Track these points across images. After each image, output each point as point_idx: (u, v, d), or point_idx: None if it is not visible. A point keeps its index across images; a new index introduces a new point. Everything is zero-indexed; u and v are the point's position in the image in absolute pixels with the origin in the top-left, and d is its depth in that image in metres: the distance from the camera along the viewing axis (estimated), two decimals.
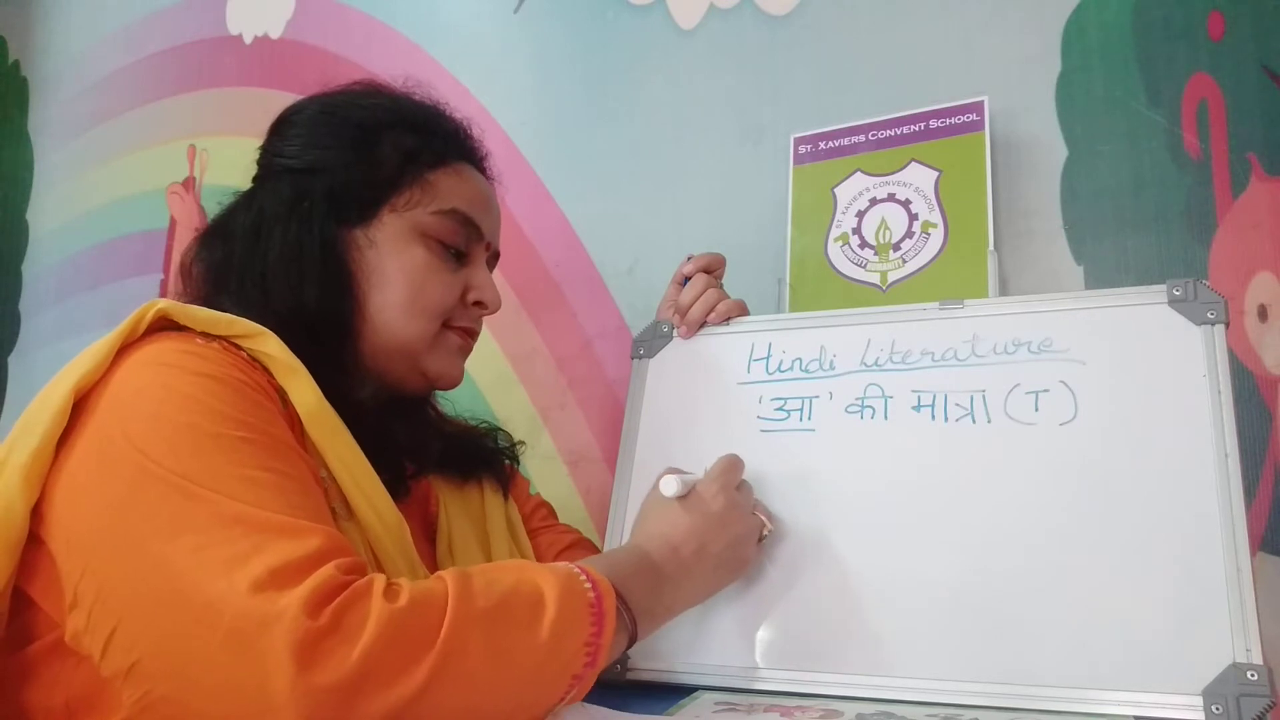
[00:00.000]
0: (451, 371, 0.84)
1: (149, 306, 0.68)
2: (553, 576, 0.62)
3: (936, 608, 0.76)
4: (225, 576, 0.54)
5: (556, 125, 1.32)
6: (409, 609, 0.55)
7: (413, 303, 0.80)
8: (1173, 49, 0.98)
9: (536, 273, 1.30)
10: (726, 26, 1.22)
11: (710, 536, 0.75)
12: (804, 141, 1.11)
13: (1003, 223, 1.01)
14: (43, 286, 1.88)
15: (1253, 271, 0.93)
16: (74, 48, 1.91)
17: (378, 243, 0.80)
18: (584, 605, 0.62)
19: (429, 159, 0.82)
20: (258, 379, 0.67)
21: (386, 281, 0.79)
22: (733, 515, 0.77)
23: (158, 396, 0.63)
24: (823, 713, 0.70)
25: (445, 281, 0.82)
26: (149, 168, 1.73)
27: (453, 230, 0.82)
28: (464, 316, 0.85)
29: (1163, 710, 0.67)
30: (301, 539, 0.57)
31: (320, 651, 0.52)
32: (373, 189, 0.80)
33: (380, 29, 1.49)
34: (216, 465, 0.59)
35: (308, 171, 0.80)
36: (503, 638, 0.58)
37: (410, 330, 0.80)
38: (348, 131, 0.82)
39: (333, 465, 0.70)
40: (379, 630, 0.53)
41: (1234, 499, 0.71)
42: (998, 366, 0.82)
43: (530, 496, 1.00)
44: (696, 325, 0.95)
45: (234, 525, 0.56)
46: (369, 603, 0.54)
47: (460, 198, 0.83)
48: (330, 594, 0.54)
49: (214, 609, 0.53)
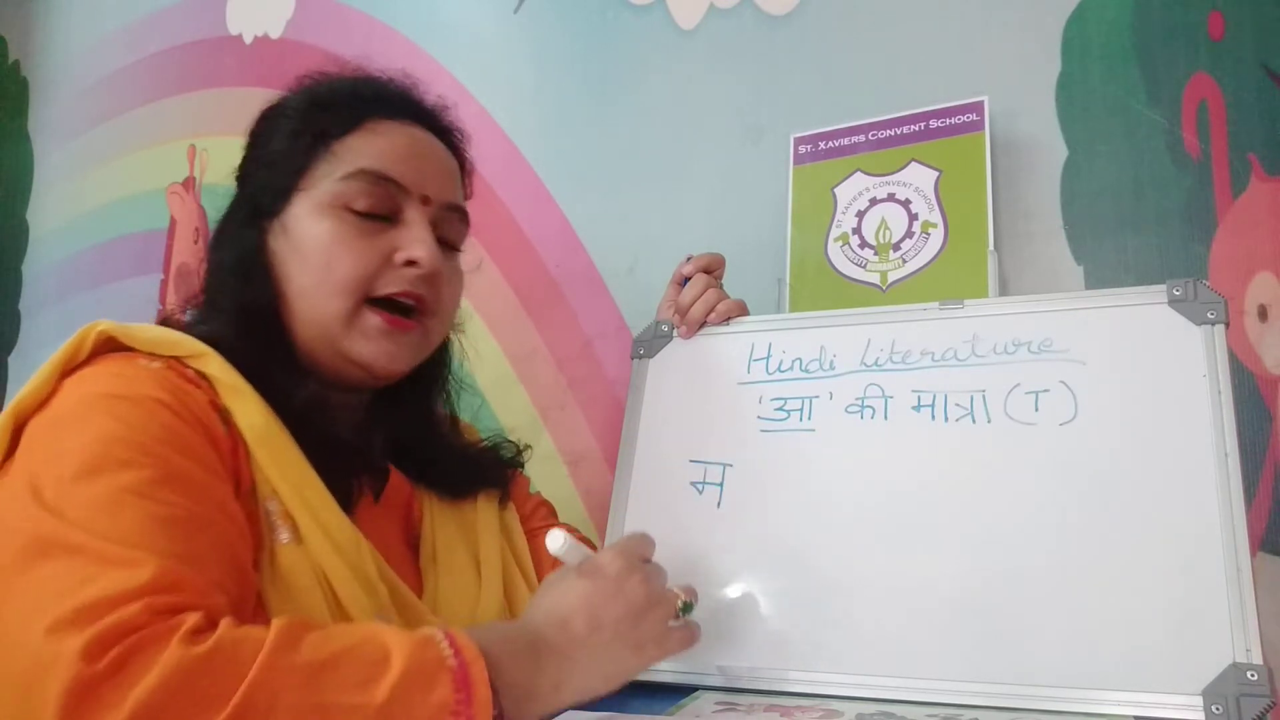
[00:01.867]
0: (378, 355, 0.76)
1: (90, 328, 0.67)
2: (407, 639, 0.56)
3: (936, 607, 0.76)
4: (35, 619, 0.52)
5: (556, 125, 1.32)
6: (208, 656, 0.51)
7: (323, 279, 0.75)
8: (1173, 49, 0.98)
9: (536, 273, 1.30)
10: (726, 26, 1.22)
11: (605, 605, 0.66)
12: (804, 141, 1.11)
13: (1003, 223, 1.01)
14: (43, 286, 1.88)
15: (1253, 271, 0.93)
16: (74, 48, 1.91)
17: (289, 228, 0.77)
18: (441, 670, 0.55)
19: (337, 129, 0.78)
20: (191, 402, 0.65)
21: (301, 265, 0.76)
22: (632, 579, 0.68)
23: (64, 423, 0.63)
24: (823, 713, 0.70)
25: (357, 249, 0.75)
26: (149, 168, 1.73)
27: (362, 191, 0.76)
28: (394, 281, 0.76)
29: (1163, 710, 0.67)
30: (130, 571, 0.54)
31: (91, 700, 0.49)
32: (282, 177, 0.78)
33: (380, 29, 1.49)
34: (86, 493, 0.58)
35: (243, 178, 0.82)
36: (321, 696, 0.52)
37: (326, 311, 0.75)
38: (267, 130, 0.81)
39: (280, 487, 0.67)
40: (163, 678, 0.50)
41: (1234, 499, 0.70)
42: (998, 366, 0.82)
43: (530, 496, 0.98)
44: (697, 325, 0.95)
45: (75, 556, 0.55)
46: (160, 648, 0.51)
47: (369, 155, 0.77)
48: (119, 635, 0.51)
49: (13, 651, 0.52)
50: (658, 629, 0.69)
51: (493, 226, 1.32)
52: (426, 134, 0.82)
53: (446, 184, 0.82)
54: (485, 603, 0.80)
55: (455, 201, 0.83)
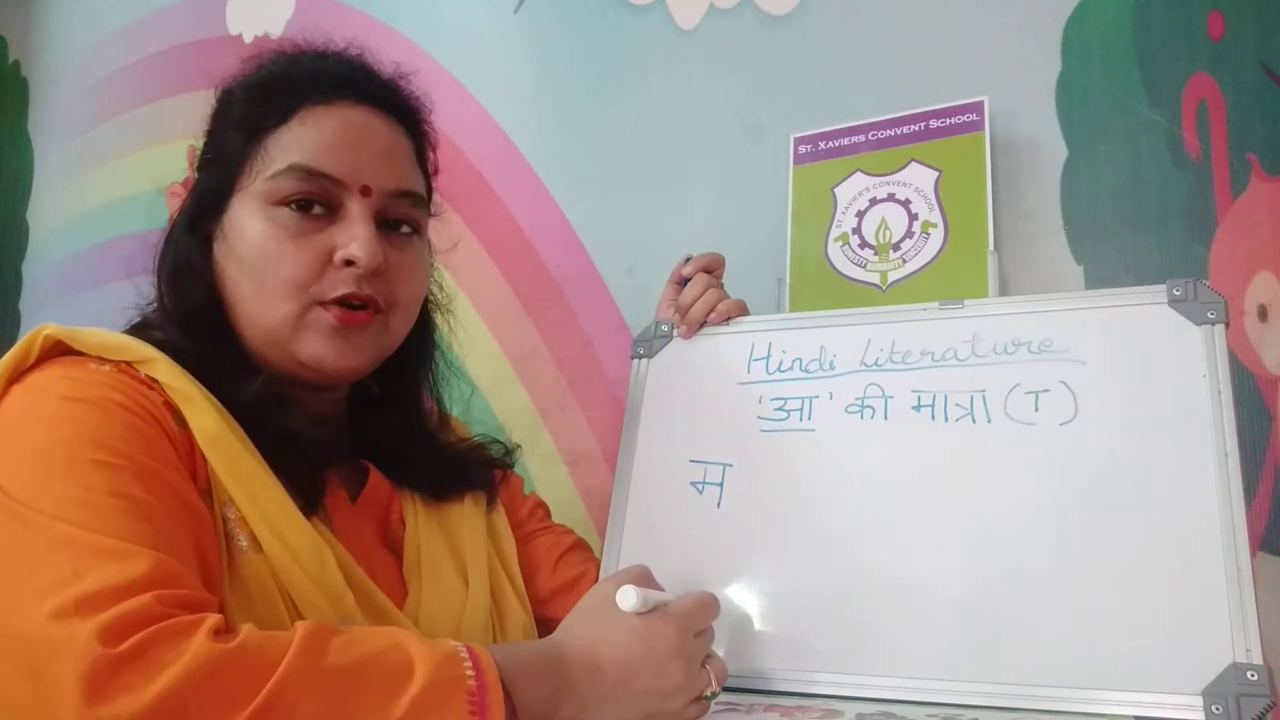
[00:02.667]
0: (327, 355, 0.72)
1: (37, 332, 0.66)
2: (430, 652, 0.56)
3: (936, 607, 0.76)
4: (33, 605, 0.51)
5: (556, 125, 1.32)
6: (235, 653, 0.51)
7: (261, 286, 0.72)
8: (1173, 49, 0.98)
9: (536, 273, 1.29)
10: (726, 26, 1.22)
11: (642, 673, 0.64)
12: (804, 141, 1.11)
13: (1003, 223, 1.01)
14: (43, 286, 1.88)
15: (1253, 271, 0.93)
16: (74, 48, 1.91)
17: (227, 232, 0.74)
18: (459, 690, 0.54)
19: (271, 121, 0.74)
20: (147, 403, 0.64)
21: (240, 270, 0.73)
22: (676, 663, 0.66)
23: (21, 423, 0.62)
24: (823, 713, 0.70)
25: (291, 252, 0.71)
26: (149, 168, 1.73)
27: (294, 189, 0.72)
28: (337, 284, 0.72)
29: (1163, 710, 0.67)
30: (126, 563, 0.53)
31: (114, 682, 0.48)
32: (220, 178, 0.75)
33: (380, 29, 1.49)
34: (56, 490, 0.57)
35: (190, 182, 0.79)
36: (345, 704, 0.52)
37: (270, 316, 0.72)
38: (212, 125, 0.78)
39: (235, 494, 0.65)
40: (190, 669, 0.49)
41: (1234, 499, 0.71)
42: (998, 366, 0.82)
43: (526, 498, 0.96)
44: (697, 325, 0.95)
45: (61, 549, 0.54)
46: (187, 639, 0.50)
47: (301, 148, 0.72)
48: (138, 623, 0.50)
49: (10, 639, 0.51)
50: (677, 707, 0.67)
51: (493, 226, 1.32)
52: (367, 115, 0.76)
53: (390, 169, 0.76)
54: (471, 612, 0.78)
55: (403, 186, 0.76)
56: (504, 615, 0.81)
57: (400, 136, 0.79)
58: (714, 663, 0.71)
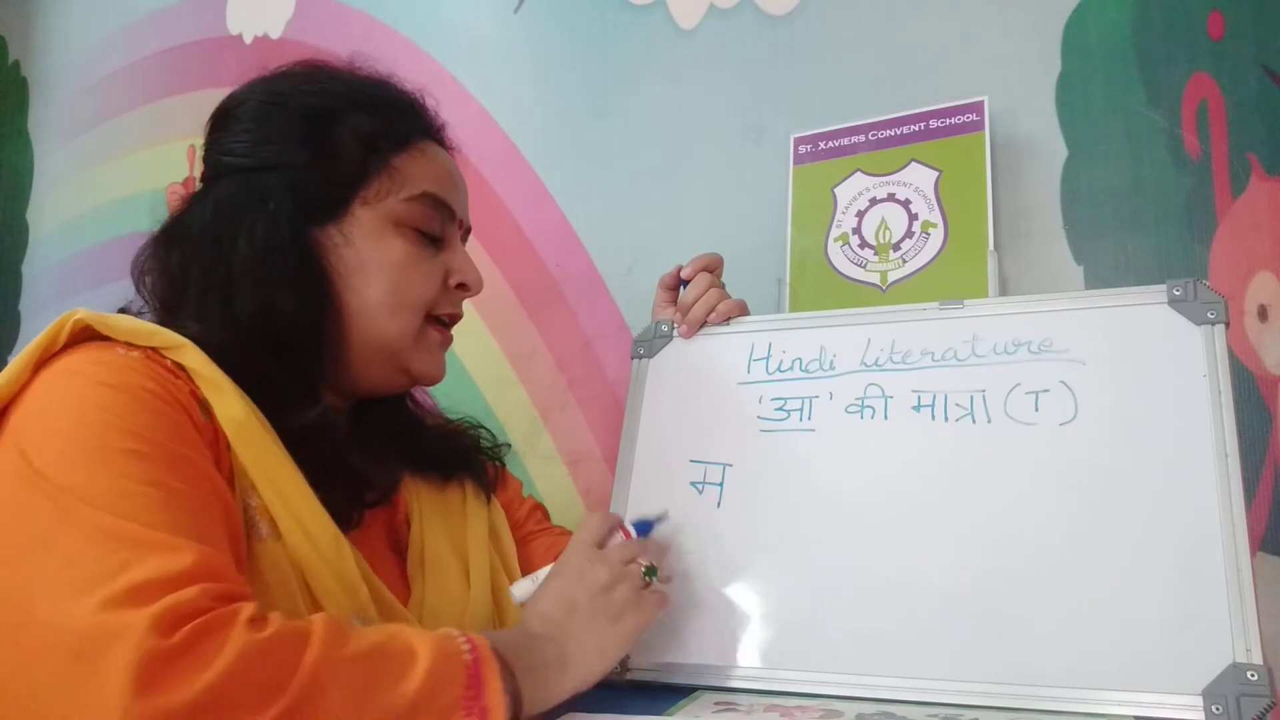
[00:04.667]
0: (434, 369, 0.82)
1: (67, 317, 0.66)
2: (427, 636, 0.60)
3: (936, 607, 0.76)
4: (80, 595, 0.52)
5: (556, 125, 1.32)
6: (271, 642, 0.53)
7: (396, 299, 0.77)
8: (1173, 49, 0.98)
9: (536, 273, 1.30)
10: (726, 26, 1.22)
11: (573, 591, 0.72)
12: (804, 141, 1.11)
13: (1003, 223, 1.01)
14: (43, 286, 1.88)
15: (1253, 271, 0.93)
16: (74, 48, 1.91)
17: (353, 239, 0.76)
18: (458, 664, 0.58)
19: (391, 143, 0.79)
20: (175, 390, 0.64)
21: (368, 280, 0.76)
22: (592, 568, 0.73)
23: (54, 408, 0.62)
24: (823, 713, 0.70)
25: (426, 271, 0.79)
26: (149, 168, 1.73)
27: (427, 215, 0.79)
28: (447, 302, 0.82)
29: (1163, 710, 0.67)
30: (172, 555, 0.54)
31: (166, 673, 0.49)
32: (339, 182, 0.76)
33: (380, 29, 1.49)
34: (99, 478, 0.57)
35: (264, 169, 0.75)
36: (368, 684, 0.55)
37: (394, 328, 0.77)
38: (300, 122, 0.77)
39: (259, 482, 0.66)
40: (235, 658, 0.51)
41: (1234, 499, 0.70)
42: (998, 366, 0.82)
43: (524, 500, 0.98)
44: (698, 325, 0.95)
45: (105, 541, 0.54)
46: (230, 630, 0.52)
47: (430, 179, 0.80)
48: (187, 615, 0.51)
49: (58, 629, 0.51)
50: (628, 597, 0.73)
51: (493, 226, 1.32)
52: (451, 156, 0.86)
53: (468, 207, 0.86)
54: (474, 610, 0.80)
55: (469, 225, 0.87)
56: (504, 615, 0.82)
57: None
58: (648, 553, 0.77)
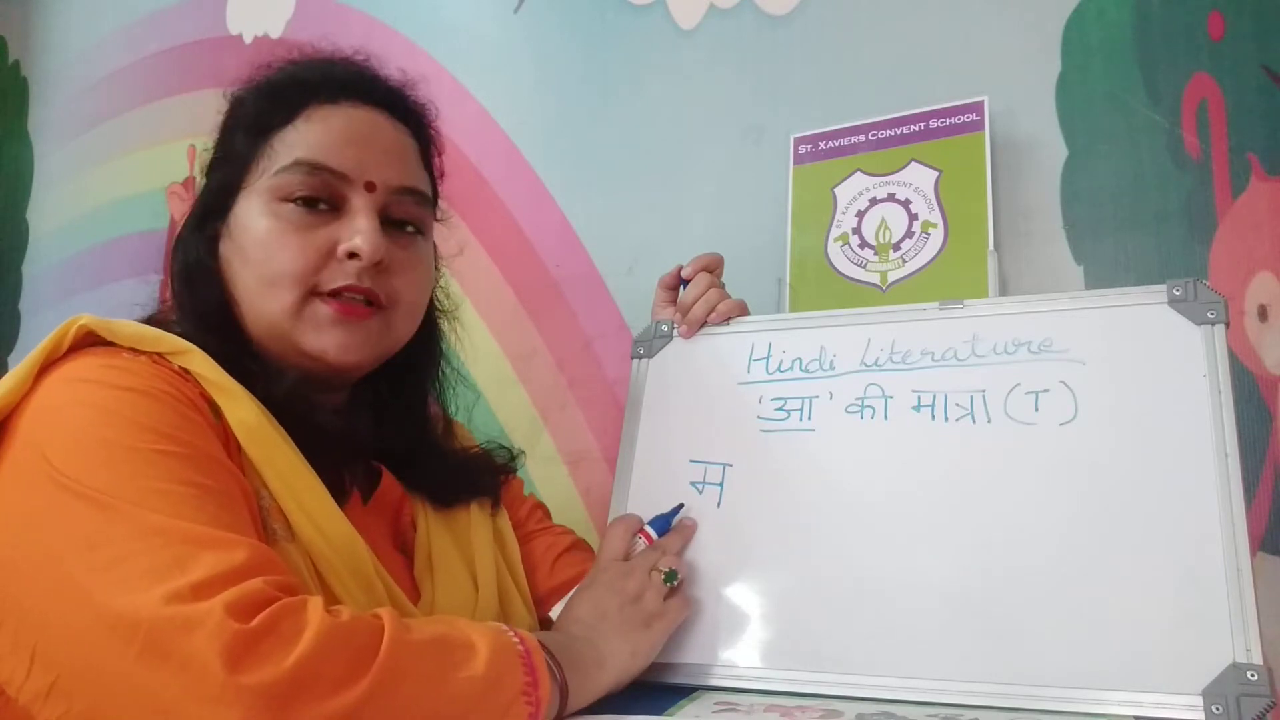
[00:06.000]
0: (326, 345, 0.73)
1: (71, 323, 0.66)
2: (481, 626, 0.62)
3: (936, 607, 0.76)
4: (143, 589, 0.52)
5: (556, 125, 1.32)
6: (350, 624, 0.55)
7: (262, 277, 0.73)
8: (1173, 49, 0.98)
9: (536, 273, 1.30)
10: (726, 26, 1.22)
11: (605, 601, 0.75)
12: (804, 141, 1.11)
13: (1003, 223, 1.01)
14: (43, 286, 1.88)
15: (1253, 271, 0.93)
16: (74, 48, 1.91)
17: (233, 229, 0.76)
18: (514, 654, 0.61)
19: (278, 121, 0.76)
20: (187, 392, 0.65)
21: (244, 263, 0.74)
22: (622, 581, 0.77)
23: (74, 412, 0.61)
24: (823, 713, 0.70)
25: (297, 244, 0.73)
26: (149, 168, 1.73)
27: (298, 183, 0.73)
28: (338, 275, 0.73)
29: (1163, 710, 0.67)
30: (227, 550, 0.55)
31: (255, 652, 0.50)
32: (228, 176, 0.77)
33: (380, 29, 1.49)
34: (133, 479, 0.57)
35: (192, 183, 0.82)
36: (439, 668, 0.57)
37: (271, 307, 0.73)
38: (221, 128, 0.80)
39: (272, 484, 0.67)
40: (318, 638, 0.52)
41: (1234, 499, 0.70)
42: (998, 366, 0.82)
43: (525, 499, 0.97)
44: (698, 325, 0.95)
45: (154, 536, 0.54)
46: (305, 614, 0.53)
47: (306, 145, 0.74)
48: (260, 603, 0.53)
49: (129, 621, 0.52)
50: (655, 605, 0.77)
51: (493, 226, 1.32)
52: (373, 114, 0.77)
53: (395, 166, 0.77)
54: (482, 612, 0.80)
55: (407, 183, 0.78)
56: (510, 618, 0.82)
57: (405, 136, 0.80)
58: (668, 559, 0.80)
